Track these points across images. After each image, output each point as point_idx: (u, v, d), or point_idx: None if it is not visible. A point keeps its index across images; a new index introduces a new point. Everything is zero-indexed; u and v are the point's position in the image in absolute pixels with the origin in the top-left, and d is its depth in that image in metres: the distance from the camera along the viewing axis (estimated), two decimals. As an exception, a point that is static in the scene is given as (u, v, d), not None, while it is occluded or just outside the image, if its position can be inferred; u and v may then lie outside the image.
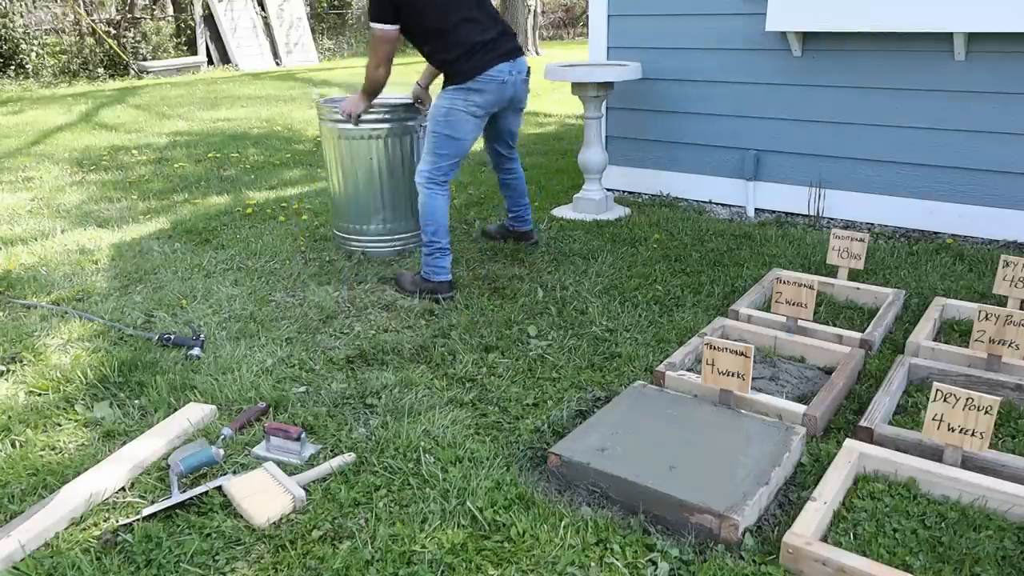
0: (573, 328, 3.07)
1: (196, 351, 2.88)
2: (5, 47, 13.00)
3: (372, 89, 3.44)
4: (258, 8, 15.81)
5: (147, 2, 16.60)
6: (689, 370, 2.65)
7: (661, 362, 2.69)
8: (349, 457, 2.20)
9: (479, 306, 3.30)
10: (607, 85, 4.43)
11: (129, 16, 15.43)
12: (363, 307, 3.31)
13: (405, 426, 2.36)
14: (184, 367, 2.77)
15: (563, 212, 4.69)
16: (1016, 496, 1.89)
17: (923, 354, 2.70)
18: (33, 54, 13.29)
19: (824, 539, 1.84)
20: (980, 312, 2.53)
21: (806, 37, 4.24)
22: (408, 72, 4.50)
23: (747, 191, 4.65)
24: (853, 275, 3.41)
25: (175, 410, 2.48)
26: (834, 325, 3.01)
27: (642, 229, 4.33)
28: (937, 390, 2.04)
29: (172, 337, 2.96)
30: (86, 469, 2.15)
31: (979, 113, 3.91)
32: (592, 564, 1.79)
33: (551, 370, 2.74)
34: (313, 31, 17.28)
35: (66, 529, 1.95)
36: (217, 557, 1.84)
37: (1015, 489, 1.90)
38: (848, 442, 2.13)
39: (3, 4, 13.10)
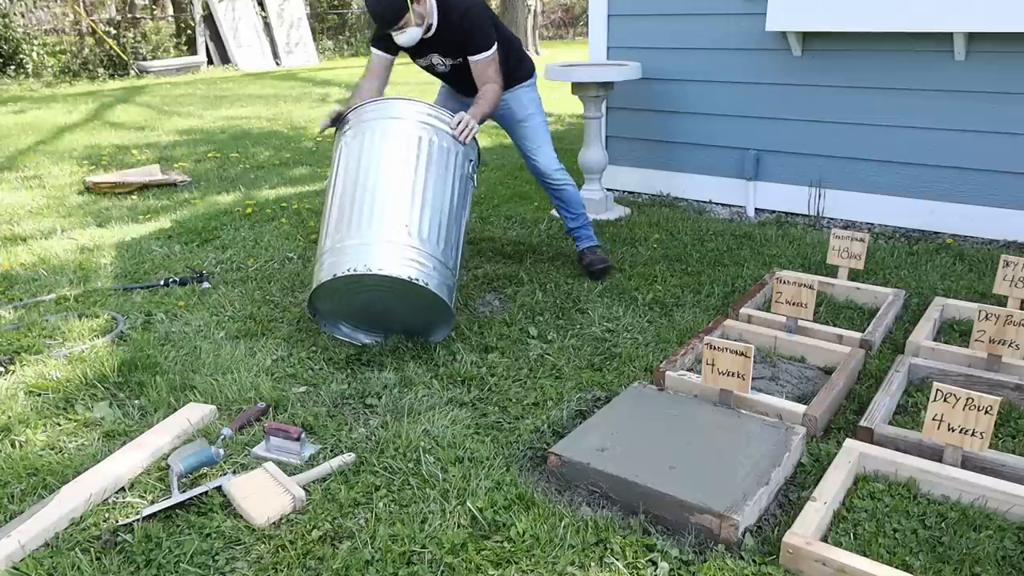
0: (573, 328, 3.07)
1: (205, 284, 3.50)
2: (5, 47, 13.00)
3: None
4: (258, 8, 15.81)
5: (147, 2, 16.60)
6: (689, 370, 2.65)
7: (661, 362, 2.69)
8: (349, 457, 2.20)
9: (479, 306, 3.30)
10: (607, 85, 4.42)
11: (129, 16, 15.43)
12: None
13: (405, 426, 2.36)
14: (184, 367, 2.77)
15: (563, 212, 4.68)
16: (1016, 496, 1.89)
17: (923, 354, 2.70)
18: (34, 54, 13.30)
19: (824, 539, 1.84)
20: (980, 312, 2.53)
21: (806, 37, 4.24)
22: (406, 73, 4.50)
23: (747, 191, 4.65)
24: (853, 275, 3.40)
25: (175, 410, 2.48)
26: (834, 325, 3.00)
27: (642, 229, 4.32)
28: (937, 390, 2.04)
29: (178, 278, 3.53)
30: (86, 469, 2.15)
31: (979, 113, 3.91)
32: (592, 564, 1.79)
33: (551, 370, 2.74)
34: (313, 31, 17.29)
35: (66, 529, 1.95)
36: (217, 557, 1.84)
37: (1015, 489, 1.90)
38: (848, 442, 2.13)
39: (3, 4, 13.10)
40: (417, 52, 3.26)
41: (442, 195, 2.89)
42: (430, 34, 3.15)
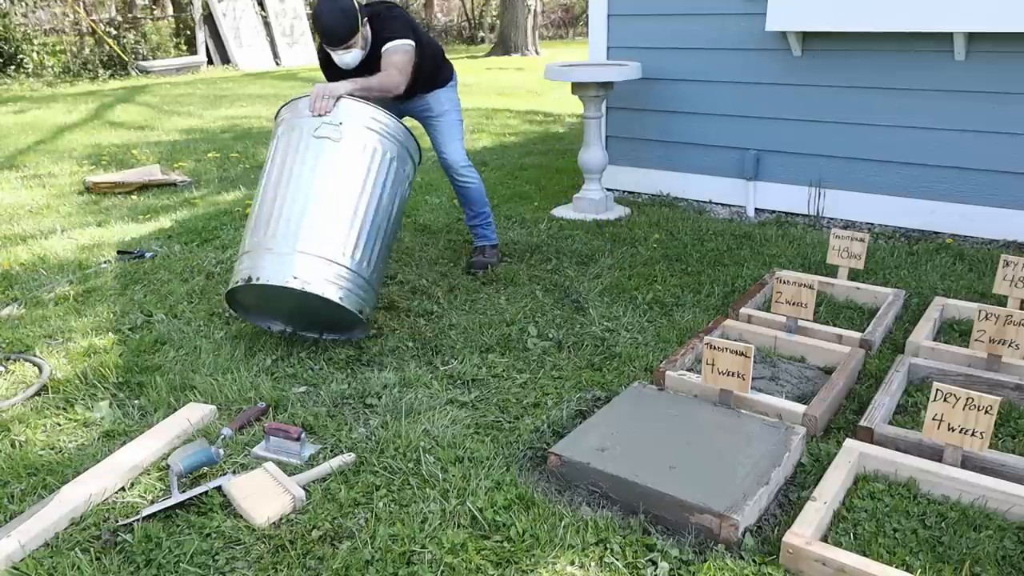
0: (573, 328, 3.07)
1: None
2: (6, 47, 13.01)
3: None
4: (258, 8, 15.81)
5: (147, 2, 16.61)
6: (689, 370, 2.65)
7: (661, 362, 2.69)
8: (349, 457, 2.20)
9: (479, 306, 3.30)
10: (607, 85, 4.43)
11: (129, 16, 15.44)
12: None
13: (405, 426, 2.36)
14: (184, 367, 2.77)
15: (563, 212, 4.69)
16: (1016, 496, 1.89)
17: (923, 354, 2.70)
18: (34, 54, 13.31)
19: (824, 539, 1.84)
20: (980, 312, 2.53)
21: (806, 37, 4.24)
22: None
23: (747, 191, 4.65)
24: (853, 275, 3.40)
25: (175, 410, 2.48)
26: (834, 325, 3.01)
27: (642, 229, 4.32)
28: (937, 390, 2.04)
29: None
30: (86, 469, 2.15)
31: (979, 113, 3.91)
32: (592, 564, 1.79)
33: (551, 370, 2.74)
34: (313, 31, 17.28)
35: (66, 529, 1.95)
36: (217, 557, 1.84)
37: (1015, 489, 1.91)
38: (848, 442, 2.13)
39: (3, 4, 13.10)
40: (344, 75, 3.18)
41: (359, 200, 2.86)
42: (363, 57, 3.15)
